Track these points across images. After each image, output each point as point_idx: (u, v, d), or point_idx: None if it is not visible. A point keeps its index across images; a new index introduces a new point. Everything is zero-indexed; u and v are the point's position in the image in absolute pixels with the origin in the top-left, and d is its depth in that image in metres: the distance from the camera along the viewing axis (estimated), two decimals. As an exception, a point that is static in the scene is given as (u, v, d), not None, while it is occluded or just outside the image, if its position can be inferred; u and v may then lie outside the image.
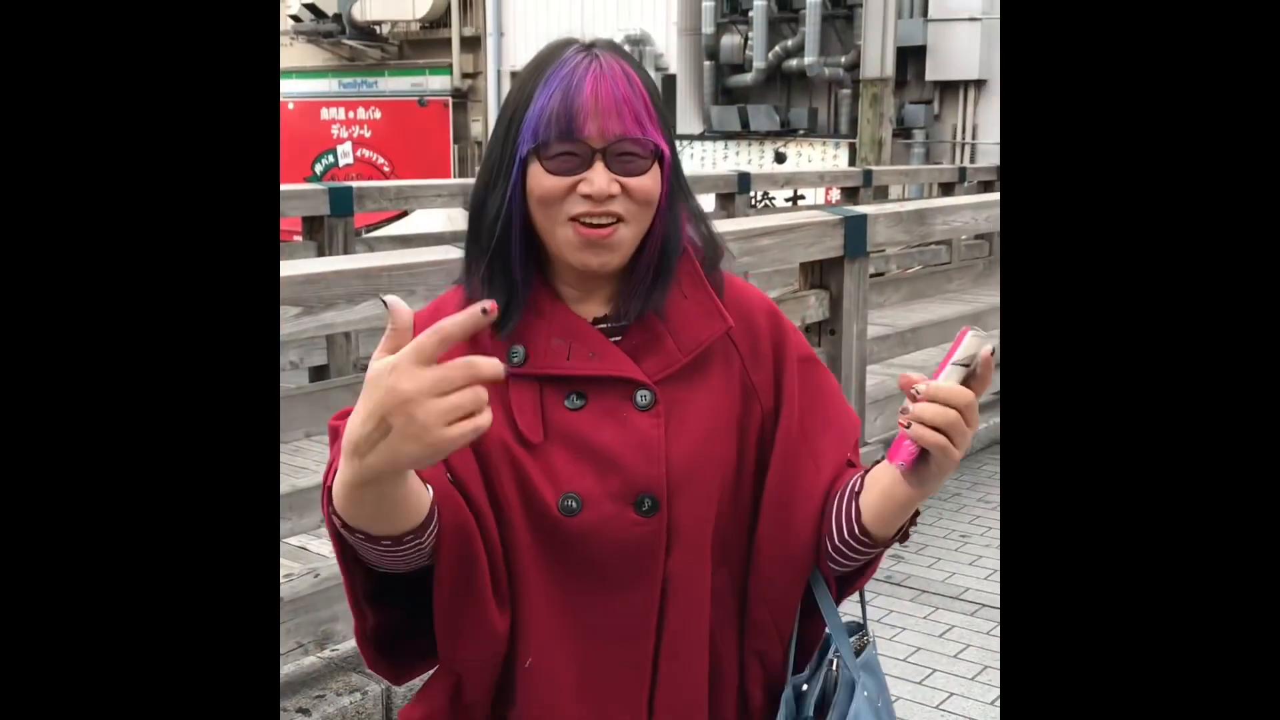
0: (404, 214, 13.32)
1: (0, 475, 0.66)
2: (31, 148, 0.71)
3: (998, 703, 3.50)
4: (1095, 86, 0.81)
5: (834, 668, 1.48)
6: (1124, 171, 0.78)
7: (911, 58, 17.38)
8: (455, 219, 12.32)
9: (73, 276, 0.71)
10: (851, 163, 16.88)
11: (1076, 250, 0.79)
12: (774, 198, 15.17)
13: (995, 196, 7.17)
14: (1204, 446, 0.74)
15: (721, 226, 5.45)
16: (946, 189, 12.90)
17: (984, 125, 17.16)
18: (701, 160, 19.80)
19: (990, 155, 16.31)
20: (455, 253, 3.49)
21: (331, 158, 21.43)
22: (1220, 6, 0.77)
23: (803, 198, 14.93)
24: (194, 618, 0.71)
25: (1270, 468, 0.73)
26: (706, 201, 12.17)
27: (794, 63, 18.74)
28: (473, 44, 20.13)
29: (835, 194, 13.56)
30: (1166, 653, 0.73)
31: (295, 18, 20.40)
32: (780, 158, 18.77)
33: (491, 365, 1.03)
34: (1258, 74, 0.76)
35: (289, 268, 3.19)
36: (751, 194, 11.71)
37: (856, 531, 1.40)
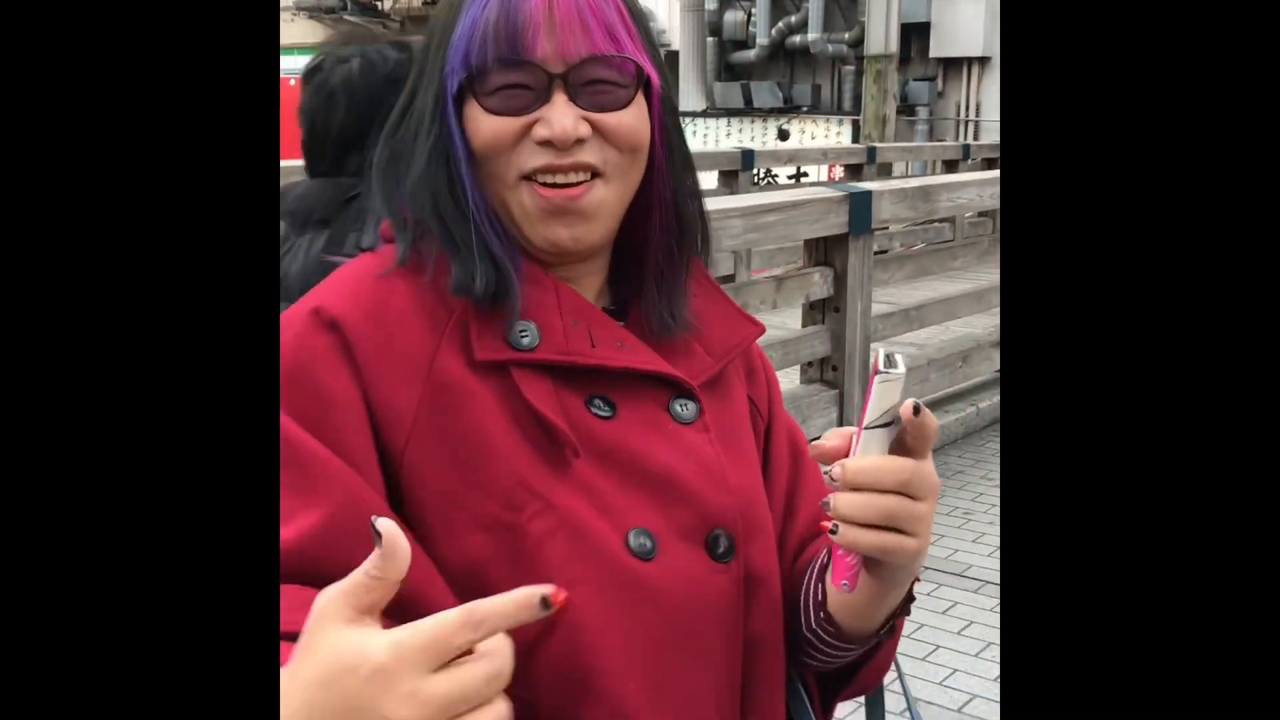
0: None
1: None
2: (22, 127, 0.70)
3: (1000, 680, 3.52)
4: (1098, 63, 0.80)
5: None
6: (1127, 150, 0.78)
7: (915, 34, 17.33)
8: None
9: (63, 259, 0.70)
10: (855, 140, 16.85)
11: (1078, 226, 0.78)
12: (777, 175, 15.16)
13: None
14: (1206, 424, 0.74)
15: (726, 203, 5.45)
16: (950, 166, 12.89)
17: (988, 102, 17.12)
18: (704, 137, 19.78)
19: (994, 132, 16.28)
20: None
21: (333, 135, 21.32)
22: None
23: (806, 175, 14.92)
24: (191, 612, 0.69)
25: (1273, 450, 0.72)
26: (709, 179, 12.17)
27: (797, 39, 18.69)
28: (475, 20, 20.04)
29: (839, 171, 13.55)
30: (1169, 633, 0.73)
31: (297, -6, 20.33)
32: (783, 134, 18.73)
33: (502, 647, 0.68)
34: (1263, 55, 0.75)
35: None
36: (754, 171, 11.70)
37: (822, 619, 1.03)
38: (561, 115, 0.95)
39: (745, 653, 1.01)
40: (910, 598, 1.02)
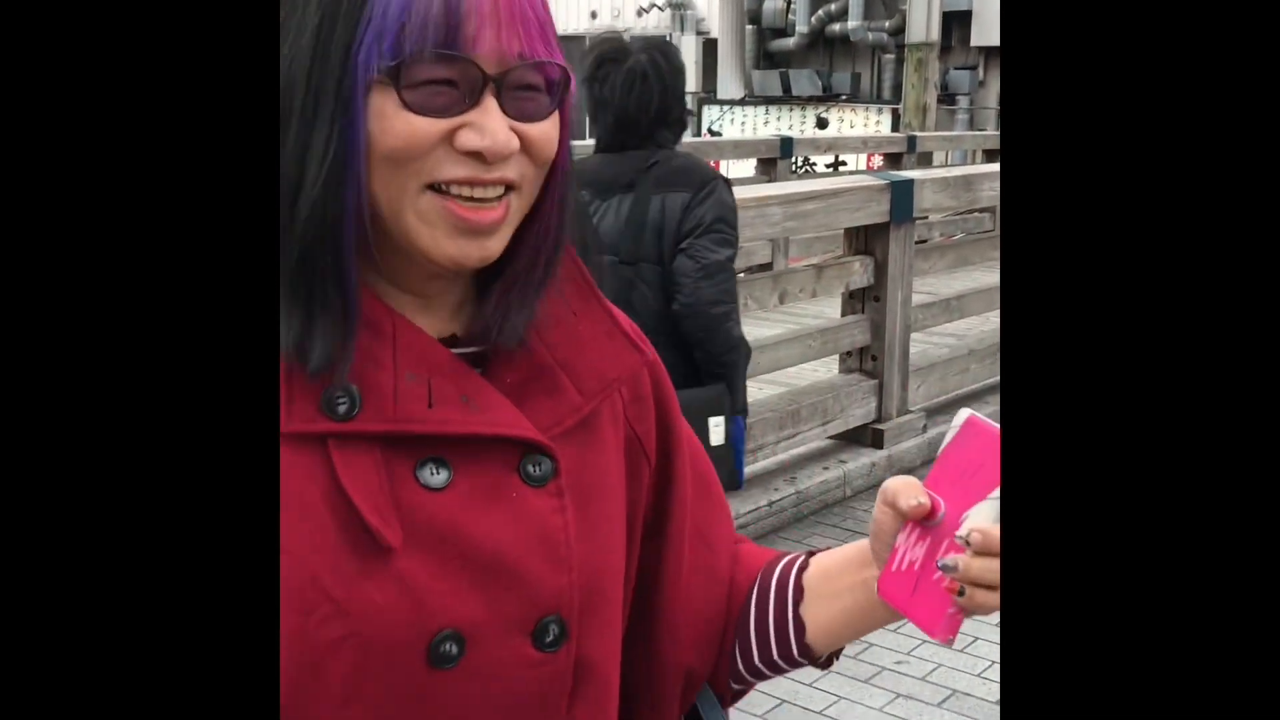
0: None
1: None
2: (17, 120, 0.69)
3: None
4: (1099, 59, 0.78)
5: None
6: (1128, 148, 0.76)
7: (956, 22, 17.21)
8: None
9: (59, 258, 0.69)
10: (894, 128, 16.76)
11: (1080, 224, 0.77)
12: (815, 163, 15.10)
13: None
14: (1211, 420, 0.72)
15: (766, 191, 5.43)
16: (991, 156, 12.80)
17: (1030, 91, 17.01)
18: (742, 125, 19.73)
19: (1036, 121, 16.21)
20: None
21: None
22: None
23: (844, 164, 14.85)
24: (191, 613, 0.69)
25: (1274, 446, 0.71)
26: (746, 167, 12.10)
27: (837, 27, 18.60)
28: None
29: (878, 160, 13.48)
30: (1170, 636, 0.72)
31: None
32: (822, 123, 18.66)
33: None
34: (1267, 47, 0.74)
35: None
36: (793, 159, 11.66)
37: (794, 652, 1.05)
38: (497, 125, 0.84)
39: None
40: None
